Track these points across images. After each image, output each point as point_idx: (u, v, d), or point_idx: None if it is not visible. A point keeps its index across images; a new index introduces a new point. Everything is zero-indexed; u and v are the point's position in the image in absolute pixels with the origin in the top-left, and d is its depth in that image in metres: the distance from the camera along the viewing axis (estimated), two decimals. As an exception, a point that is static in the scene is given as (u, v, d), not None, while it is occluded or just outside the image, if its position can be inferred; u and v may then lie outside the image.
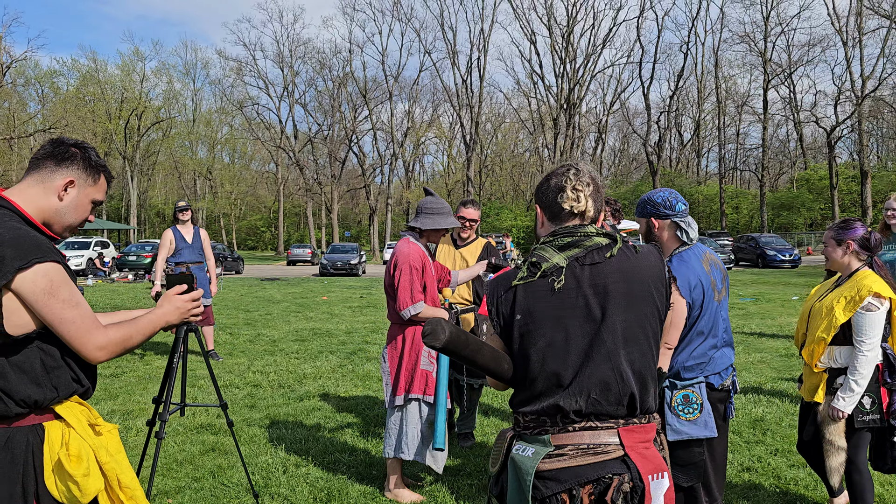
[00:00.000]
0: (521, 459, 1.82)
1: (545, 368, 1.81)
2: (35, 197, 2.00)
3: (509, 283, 1.88)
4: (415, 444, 4.00)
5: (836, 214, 47.42)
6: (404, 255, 3.97)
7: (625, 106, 65.06)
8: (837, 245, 3.48)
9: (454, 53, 53.81)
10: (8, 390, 1.87)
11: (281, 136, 60.94)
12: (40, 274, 1.85)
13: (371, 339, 10.59)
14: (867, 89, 46.03)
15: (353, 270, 31.44)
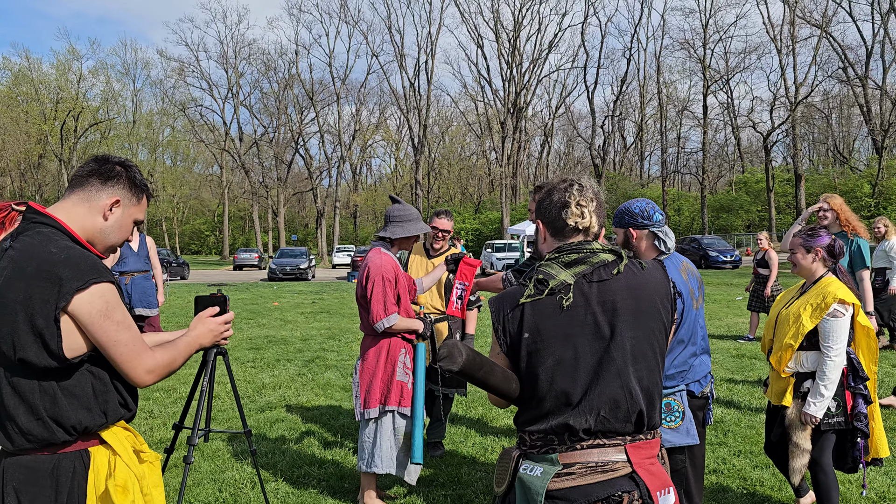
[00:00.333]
0: (530, 479, 1.81)
1: (554, 387, 1.79)
2: (80, 216, 1.94)
3: (516, 300, 1.85)
4: (388, 458, 3.96)
5: (772, 216, 49.09)
6: (377, 266, 3.91)
7: (570, 110, 66.14)
8: (807, 252, 3.59)
9: (402, 56, 53.74)
10: (58, 417, 1.80)
11: (225, 138, 59.76)
12: (97, 295, 1.79)
13: (328, 346, 10.46)
14: (800, 95, 47.83)
15: (303, 275, 31.02)
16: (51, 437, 1.80)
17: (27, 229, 1.88)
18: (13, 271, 1.80)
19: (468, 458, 5.03)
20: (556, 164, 76.17)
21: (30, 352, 1.75)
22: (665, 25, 64.07)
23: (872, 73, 47.85)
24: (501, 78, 53.27)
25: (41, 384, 1.79)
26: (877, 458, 3.60)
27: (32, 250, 1.81)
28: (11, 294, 1.77)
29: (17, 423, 1.79)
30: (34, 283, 1.76)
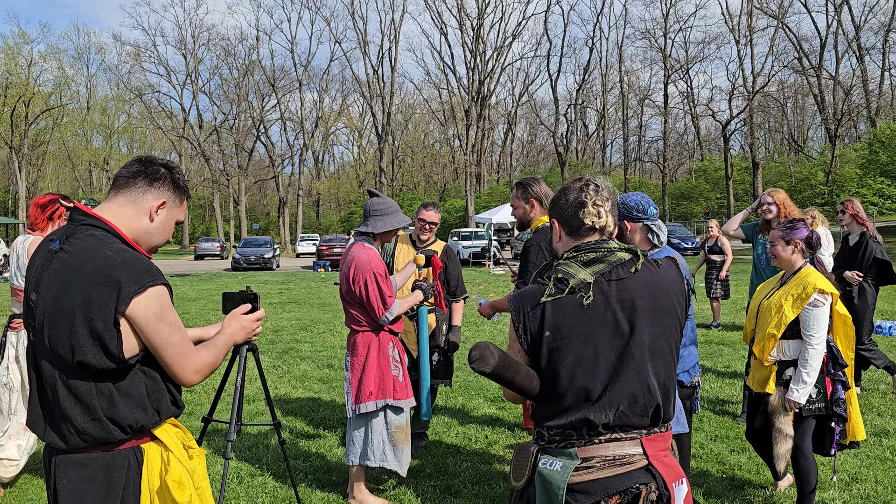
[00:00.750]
0: (551, 474, 1.85)
1: (574, 383, 1.83)
2: (127, 217, 1.94)
3: (536, 299, 1.88)
4: (379, 451, 3.97)
5: (731, 203, 50.16)
6: (365, 263, 3.89)
7: (533, 98, 66.43)
8: (787, 244, 3.70)
9: (365, 43, 53.30)
10: (115, 417, 1.82)
11: (184, 125, 58.66)
12: (153, 298, 1.81)
13: (301, 336, 10.40)
14: (757, 85, 48.83)
15: (268, 265, 30.69)
16: (107, 436, 1.82)
17: (77, 232, 1.88)
18: (68, 275, 1.80)
19: (453, 448, 5.07)
20: (520, 153, 76.56)
21: (89, 354, 1.77)
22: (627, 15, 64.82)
23: (826, 64, 49.12)
24: (465, 66, 53.24)
25: (98, 385, 1.81)
26: (854, 442, 3.74)
27: (87, 254, 1.81)
28: (68, 298, 1.78)
29: (74, 423, 1.81)
30: (92, 286, 1.77)
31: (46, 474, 1.92)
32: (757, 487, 4.22)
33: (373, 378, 3.95)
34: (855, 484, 4.22)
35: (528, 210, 4.01)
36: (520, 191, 4.04)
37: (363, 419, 4.00)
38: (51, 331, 1.80)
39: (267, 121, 59.26)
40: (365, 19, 54.82)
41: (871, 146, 33.98)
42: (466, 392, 6.74)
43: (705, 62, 70.87)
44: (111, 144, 65.37)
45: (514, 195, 4.07)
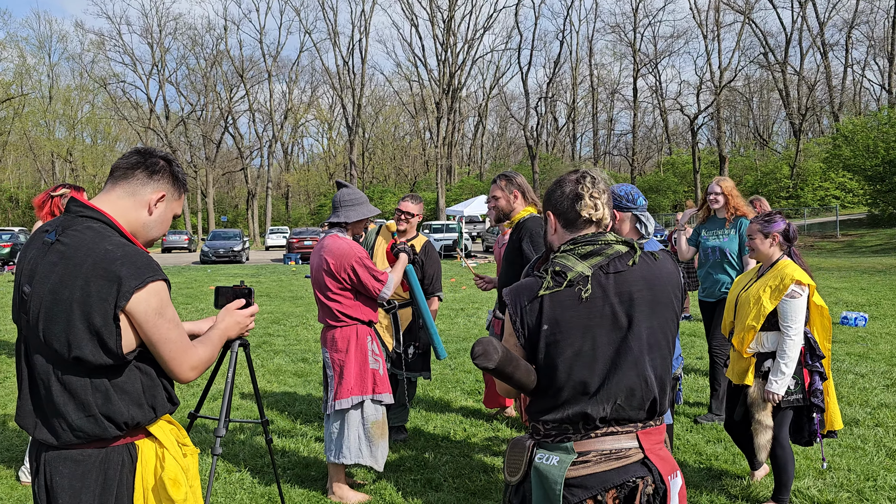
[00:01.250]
0: (547, 468, 1.83)
1: (572, 377, 1.82)
2: (125, 209, 1.89)
3: (534, 292, 1.86)
4: (356, 447, 3.92)
5: (698, 197, 50.75)
6: (346, 254, 3.86)
7: (503, 91, 66.51)
8: (765, 237, 3.73)
9: (335, 34, 52.83)
10: (111, 413, 1.77)
11: (150, 115, 57.63)
12: (153, 293, 1.77)
13: (273, 330, 10.29)
14: (724, 80, 49.48)
15: (237, 257, 30.30)
16: (102, 433, 1.78)
17: (74, 223, 1.82)
18: (66, 268, 1.75)
19: (432, 441, 5.05)
20: (490, 146, 76.65)
21: (86, 350, 1.73)
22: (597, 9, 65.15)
23: (791, 59, 49.94)
24: (436, 58, 53.07)
25: (93, 381, 1.77)
26: (832, 431, 3.80)
27: (86, 247, 1.76)
28: (66, 292, 1.73)
29: (67, 419, 1.77)
30: (91, 281, 1.72)
31: (34, 471, 1.86)
32: (734, 477, 4.27)
33: (353, 373, 3.91)
34: (828, 472, 4.30)
35: (513, 200, 4.04)
36: (504, 181, 4.07)
37: (340, 415, 3.95)
38: (46, 325, 1.76)
39: (235, 112, 58.49)
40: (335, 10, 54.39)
41: (835, 141, 34.66)
42: (444, 385, 6.72)
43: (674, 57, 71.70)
44: (74, 135, 63.83)
45: (496, 186, 4.09)
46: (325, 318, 3.99)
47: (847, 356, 7.52)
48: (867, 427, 5.14)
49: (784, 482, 3.71)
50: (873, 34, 51.21)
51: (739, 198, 5.40)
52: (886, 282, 14.78)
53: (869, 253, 24.06)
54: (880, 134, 30.13)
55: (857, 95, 57.27)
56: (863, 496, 3.95)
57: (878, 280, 15.21)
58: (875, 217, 31.29)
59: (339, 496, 3.99)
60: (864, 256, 22.70)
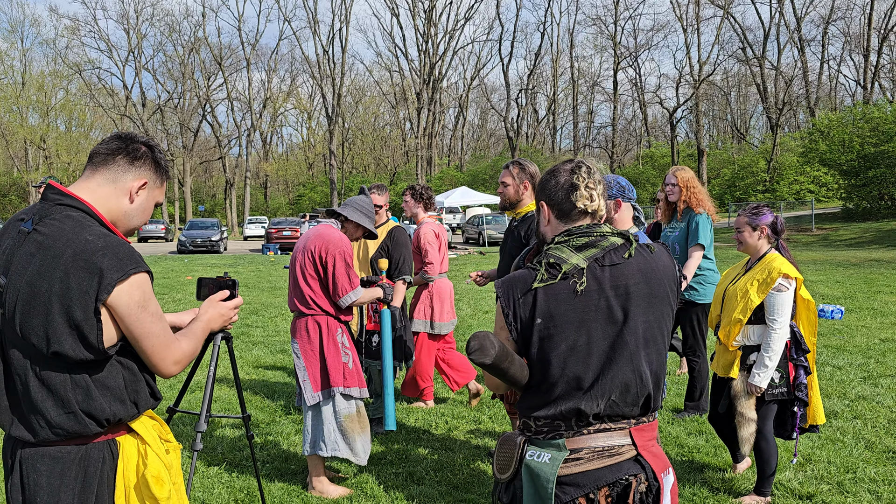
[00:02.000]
0: (539, 466, 1.79)
1: (566, 372, 1.77)
2: (106, 197, 1.81)
3: (528, 285, 1.80)
4: (331, 440, 3.86)
5: (677, 190, 51.09)
6: (335, 242, 3.81)
7: (484, 82, 66.40)
8: (753, 230, 3.72)
9: (315, 23, 52.34)
10: (91, 410, 1.70)
11: (126, 103, 56.77)
12: (135, 286, 1.69)
13: (252, 321, 10.17)
14: (703, 74, 49.79)
15: (215, 247, 29.98)
16: (82, 430, 1.72)
17: (52, 212, 1.74)
18: (44, 259, 1.67)
19: (413, 434, 5.01)
20: (470, 137, 76.56)
21: (65, 344, 1.66)
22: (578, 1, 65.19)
23: (769, 54, 50.36)
24: (417, 48, 52.82)
25: (73, 377, 1.70)
26: (814, 426, 3.81)
27: (65, 237, 1.68)
28: (45, 284, 1.66)
29: (46, 416, 1.70)
30: (71, 272, 1.65)
31: (7, 469, 1.78)
32: (715, 470, 4.28)
33: (323, 365, 3.85)
34: (809, 465, 4.32)
35: (522, 190, 3.90)
36: (516, 169, 3.90)
37: (313, 408, 3.89)
38: (23, 318, 1.68)
39: (213, 100, 57.81)
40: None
41: (811, 135, 35.07)
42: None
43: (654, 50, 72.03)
44: (48, 122, 62.66)
45: (507, 172, 3.93)
46: (298, 305, 3.90)
47: (824, 349, 7.59)
48: (846, 419, 5.19)
49: (767, 475, 3.71)
50: (849, 30, 51.84)
51: (697, 190, 5.22)
52: (861, 275, 14.98)
53: (843, 246, 24.40)
54: (855, 129, 30.55)
55: (832, 91, 57.96)
56: (843, 488, 3.97)
57: (853, 273, 15.41)
58: (850, 211, 31.75)
59: (318, 490, 3.94)
60: (839, 250, 23.01)
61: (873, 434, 4.84)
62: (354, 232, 4.04)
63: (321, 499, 3.89)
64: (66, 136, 65.49)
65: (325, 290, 3.86)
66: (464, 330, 9.22)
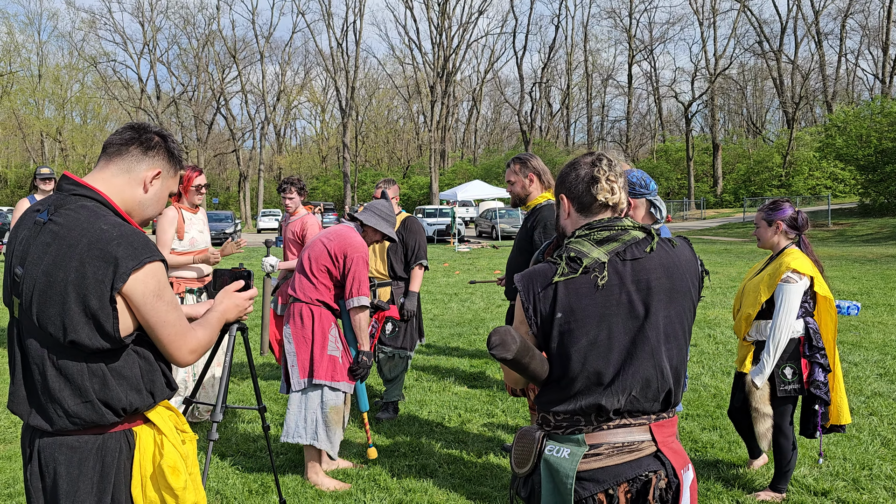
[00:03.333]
0: (558, 462, 1.78)
1: (586, 367, 1.76)
2: (120, 187, 1.82)
3: (548, 279, 1.79)
4: (311, 429, 3.88)
5: (691, 184, 50.87)
6: (360, 246, 3.88)
7: (497, 76, 66.21)
8: (768, 226, 3.69)
9: (329, 15, 52.35)
10: (108, 399, 1.72)
11: (141, 95, 57.07)
12: (150, 274, 1.70)
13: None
14: (719, 67, 49.40)
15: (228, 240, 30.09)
16: (99, 419, 1.73)
17: (67, 202, 1.75)
18: (60, 249, 1.68)
19: (426, 427, 5.02)
20: (484, 130, 76.42)
21: (82, 333, 1.67)
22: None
23: (785, 48, 49.93)
24: (431, 41, 52.71)
25: (90, 366, 1.71)
26: (837, 425, 3.76)
27: (81, 227, 1.69)
28: (61, 274, 1.67)
29: (63, 405, 1.71)
30: (87, 262, 1.66)
31: (26, 458, 1.80)
32: (730, 465, 4.26)
33: (313, 354, 3.87)
34: (824, 462, 4.29)
35: (528, 185, 3.91)
36: (518, 165, 3.93)
37: (300, 395, 3.90)
38: (40, 308, 1.69)
39: (227, 93, 58.01)
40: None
41: (828, 130, 34.71)
42: (438, 370, 6.69)
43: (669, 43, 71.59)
44: (64, 114, 63.18)
45: (510, 170, 3.96)
46: (298, 292, 3.92)
47: (840, 345, 7.53)
48: (861, 416, 5.15)
49: (784, 472, 3.69)
50: (867, 23, 51.22)
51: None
52: (877, 271, 14.84)
53: (860, 242, 24.16)
54: (873, 123, 30.17)
55: (850, 85, 57.31)
56: (858, 485, 3.94)
57: (869, 269, 15.26)
58: (866, 206, 31.41)
59: (313, 482, 3.96)
60: (855, 245, 22.79)
61: (890, 431, 4.80)
62: (373, 236, 4.09)
63: (335, 491, 3.91)
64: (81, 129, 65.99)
65: (329, 285, 3.90)
66: (476, 324, 9.23)
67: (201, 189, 4.98)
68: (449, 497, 3.83)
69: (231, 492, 3.91)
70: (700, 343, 7.85)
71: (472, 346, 7.82)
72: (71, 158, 63.05)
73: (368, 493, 3.90)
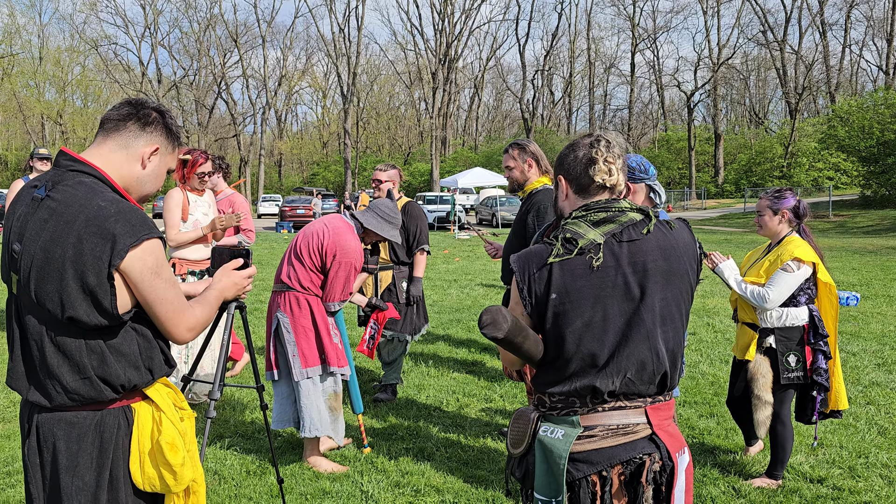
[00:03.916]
0: (552, 442, 1.78)
1: (581, 349, 1.76)
2: (118, 163, 1.81)
3: (543, 260, 1.79)
4: (316, 419, 3.84)
5: (692, 174, 50.78)
6: (352, 251, 3.81)
7: (500, 63, 65.92)
8: (774, 214, 3.68)
9: (331, 0, 52.03)
10: (107, 376, 1.72)
11: (142, 79, 56.87)
12: (148, 251, 1.70)
13: (264, 298, 10.23)
14: (722, 57, 49.17)
15: (228, 225, 30.04)
16: (98, 395, 1.73)
17: (65, 178, 1.74)
18: (58, 225, 1.67)
19: (424, 411, 5.04)
20: (485, 118, 76.18)
21: (80, 310, 1.67)
22: (596, -19, 64.33)
23: (789, 38, 49.61)
24: (433, 27, 52.44)
25: (88, 343, 1.71)
26: (836, 411, 3.77)
27: (78, 203, 1.68)
28: (59, 250, 1.66)
29: (62, 382, 1.71)
30: (85, 238, 1.65)
31: (24, 433, 1.81)
32: (726, 452, 4.27)
33: (314, 341, 3.85)
34: (821, 449, 4.30)
35: (527, 170, 3.92)
36: (516, 150, 3.93)
37: (309, 387, 3.85)
38: (38, 284, 1.69)
39: (228, 77, 57.82)
40: (331, -25, 53.38)
41: (830, 121, 34.58)
42: (437, 356, 6.70)
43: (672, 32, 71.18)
44: (65, 97, 62.94)
45: (508, 155, 3.96)
46: (289, 281, 3.85)
47: (839, 335, 7.53)
48: (859, 405, 5.16)
49: (781, 459, 3.70)
50: (872, 14, 50.97)
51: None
52: (877, 262, 14.83)
53: (860, 234, 24.14)
54: (875, 115, 30.07)
55: (853, 76, 57.09)
56: (854, 472, 3.95)
57: (869, 260, 15.26)
58: (867, 198, 31.37)
59: (312, 463, 3.96)
60: (856, 237, 22.78)
61: (887, 420, 4.82)
62: (374, 237, 4.06)
63: (333, 473, 3.93)
64: (82, 112, 65.73)
65: (322, 277, 3.89)
66: (476, 310, 9.24)
67: (204, 177, 4.96)
68: (446, 480, 3.84)
69: (229, 472, 3.92)
70: (699, 331, 7.86)
71: (470, 332, 7.83)
72: (71, 142, 62.83)
73: (366, 475, 3.92)
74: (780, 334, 3.62)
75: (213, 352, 5.06)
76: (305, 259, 3.84)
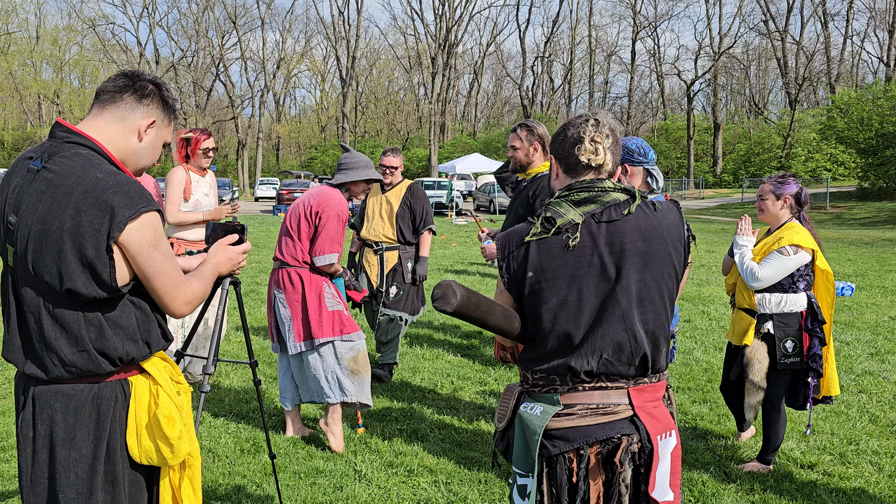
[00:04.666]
0: (529, 417, 1.79)
1: (556, 328, 1.76)
2: (114, 135, 1.79)
3: (522, 238, 1.80)
4: (336, 387, 3.90)
5: (691, 163, 50.71)
6: (334, 203, 3.87)
7: (500, 49, 65.61)
8: (776, 199, 3.68)
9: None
10: (105, 349, 1.71)
11: (140, 60, 56.48)
12: (147, 224, 1.69)
13: (261, 280, 10.23)
14: (723, 46, 48.98)
15: (225, 207, 30.01)
16: (95, 368, 1.73)
17: (61, 150, 1.72)
18: (55, 197, 1.66)
19: (419, 392, 5.05)
20: (485, 104, 75.90)
21: (78, 282, 1.66)
22: (598, -33, 63.95)
23: (791, 28, 49.43)
24: (433, 12, 52.11)
25: (86, 315, 1.71)
26: (827, 397, 3.78)
27: (76, 175, 1.67)
28: (56, 222, 1.65)
29: (59, 354, 1.71)
30: (83, 210, 1.64)
31: (19, 406, 1.80)
32: (718, 437, 4.30)
33: (310, 317, 3.87)
34: (812, 436, 4.33)
35: (532, 153, 3.86)
36: (525, 132, 3.85)
37: (315, 357, 3.90)
38: (35, 256, 1.68)
39: (227, 59, 57.42)
40: (331, -42, 53.02)
41: (830, 112, 34.51)
42: (432, 339, 6.71)
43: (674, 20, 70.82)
44: (62, 77, 62.54)
45: (515, 136, 3.89)
46: (284, 257, 3.93)
47: (833, 324, 7.56)
48: (851, 393, 5.18)
49: (772, 444, 3.72)
50: (875, 5, 50.73)
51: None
52: (873, 253, 14.87)
53: (857, 225, 24.18)
54: (875, 107, 30.01)
55: (854, 67, 56.95)
56: (845, 459, 3.98)
57: (865, 252, 15.29)
58: (865, 190, 31.38)
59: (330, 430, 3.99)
60: (852, 228, 22.81)
61: (878, 408, 4.84)
62: (358, 187, 4.07)
63: (325, 452, 3.94)
64: (79, 92, 65.33)
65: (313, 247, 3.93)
66: (472, 295, 9.24)
67: (209, 152, 4.98)
68: (439, 461, 3.86)
69: (223, 450, 3.94)
70: (693, 319, 7.88)
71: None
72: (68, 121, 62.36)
73: (359, 455, 3.93)
74: (779, 320, 3.63)
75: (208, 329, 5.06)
76: (300, 229, 3.89)
